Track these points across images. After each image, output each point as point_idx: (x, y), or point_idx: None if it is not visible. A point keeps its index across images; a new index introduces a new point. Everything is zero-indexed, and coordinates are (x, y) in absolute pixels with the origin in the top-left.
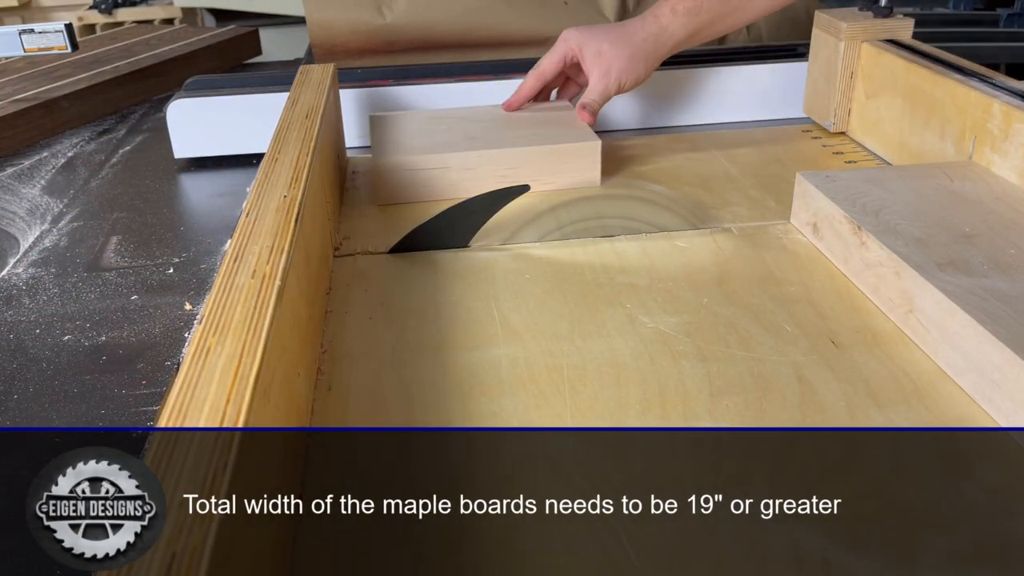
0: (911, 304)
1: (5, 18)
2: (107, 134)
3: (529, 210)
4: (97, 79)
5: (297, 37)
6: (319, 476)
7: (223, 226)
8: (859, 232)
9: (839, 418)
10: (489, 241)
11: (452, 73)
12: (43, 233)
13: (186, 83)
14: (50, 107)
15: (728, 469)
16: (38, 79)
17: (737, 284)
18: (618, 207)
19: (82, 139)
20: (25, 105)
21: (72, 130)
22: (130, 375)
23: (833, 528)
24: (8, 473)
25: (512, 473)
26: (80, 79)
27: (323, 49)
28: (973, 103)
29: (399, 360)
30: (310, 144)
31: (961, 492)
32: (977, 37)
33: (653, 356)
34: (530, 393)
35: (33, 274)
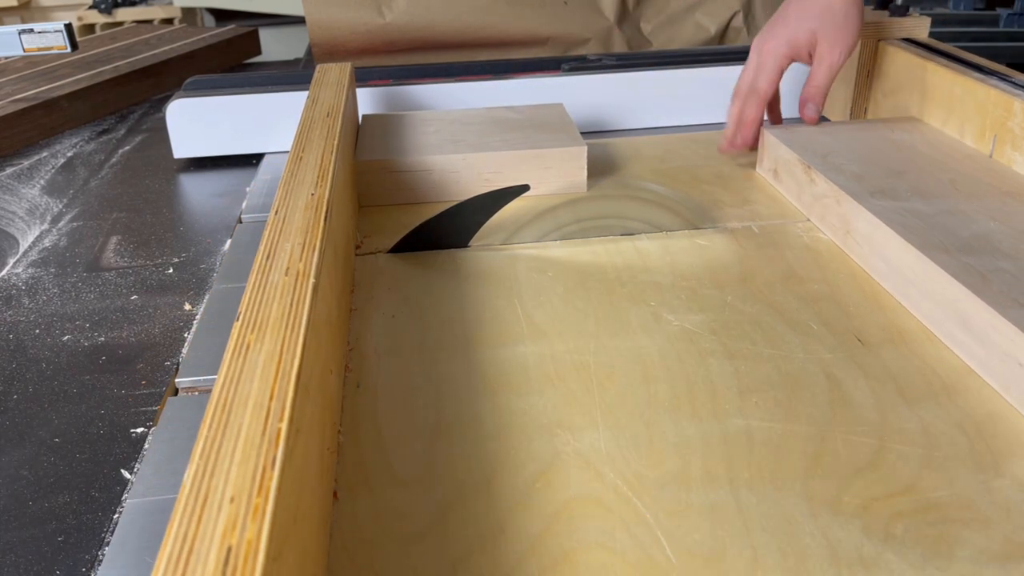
0: (848, 226)
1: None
2: (107, 134)
3: (529, 210)
4: (97, 79)
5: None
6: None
7: (223, 226)
8: (809, 171)
9: (869, 415)
10: (489, 241)
11: (452, 73)
12: (43, 233)
13: (186, 83)
14: (50, 107)
15: (761, 465)
16: (38, 79)
17: (760, 282)
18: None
19: (82, 139)
20: (25, 105)
21: (72, 130)
22: (130, 375)
23: (868, 524)
24: (9, 473)
25: (545, 470)
26: (80, 79)
27: (323, 49)
28: (994, 102)
29: (426, 357)
30: (333, 142)
31: (994, 489)
32: (977, 37)
33: (680, 354)
34: (559, 391)
35: (33, 274)
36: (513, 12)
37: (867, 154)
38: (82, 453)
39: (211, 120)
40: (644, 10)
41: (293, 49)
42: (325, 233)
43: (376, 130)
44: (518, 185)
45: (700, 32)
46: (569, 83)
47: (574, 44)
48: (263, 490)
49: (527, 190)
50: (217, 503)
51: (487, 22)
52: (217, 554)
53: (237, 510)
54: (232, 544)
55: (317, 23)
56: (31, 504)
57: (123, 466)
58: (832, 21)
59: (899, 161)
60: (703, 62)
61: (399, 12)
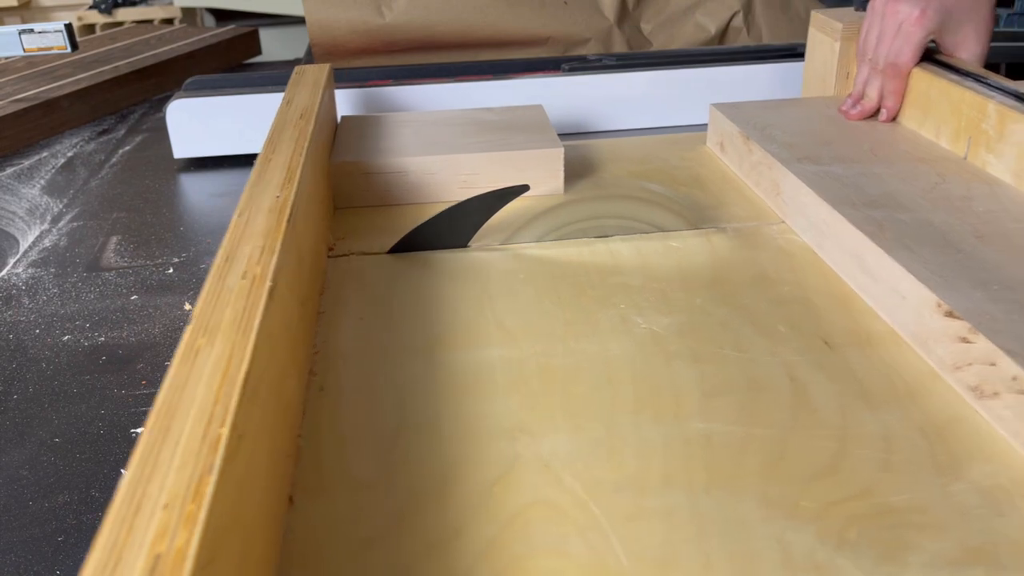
0: (778, 188)
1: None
2: (107, 134)
3: (529, 210)
4: (97, 79)
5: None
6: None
7: (222, 226)
8: (747, 142)
9: (831, 419)
10: (489, 241)
11: (452, 73)
12: (43, 233)
13: (186, 83)
14: (50, 107)
15: (720, 469)
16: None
17: (731, 284)
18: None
19: (82, 139)
20: (25, 105)
21: (72, 130)
22: (130, 375)
23: (823, 529)
24: (9, 473)
25: (503, 474)
26: (80, 79)
27: (323, 49)
28: (968, 103)
29: (391, 361)
30: (303, 144)
31: (951, 493)
32: None
33: (646, 357)
34: (522, 394)
35: (33, 274)
36: (513, 12)
37: (802, 126)
38: (82, 453)
39: (211, 120)
40: (644, 10)
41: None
42: (287, 236)
43: (353, 132)
44: (518, 185)
45: (700, 32)
46: (569, 83)
47: (574, 44)
48: (198, 497)
49: (527, 190)
50: (150, 510)
51: (487, 22)
52: (145, 562)
53: (169, 517)
54: (161, 552)
55: (317, 23)
56: (31, 504)
57: (123, 466)
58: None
59: (830, 133)
60: (703, 62)
61: (399, 12)
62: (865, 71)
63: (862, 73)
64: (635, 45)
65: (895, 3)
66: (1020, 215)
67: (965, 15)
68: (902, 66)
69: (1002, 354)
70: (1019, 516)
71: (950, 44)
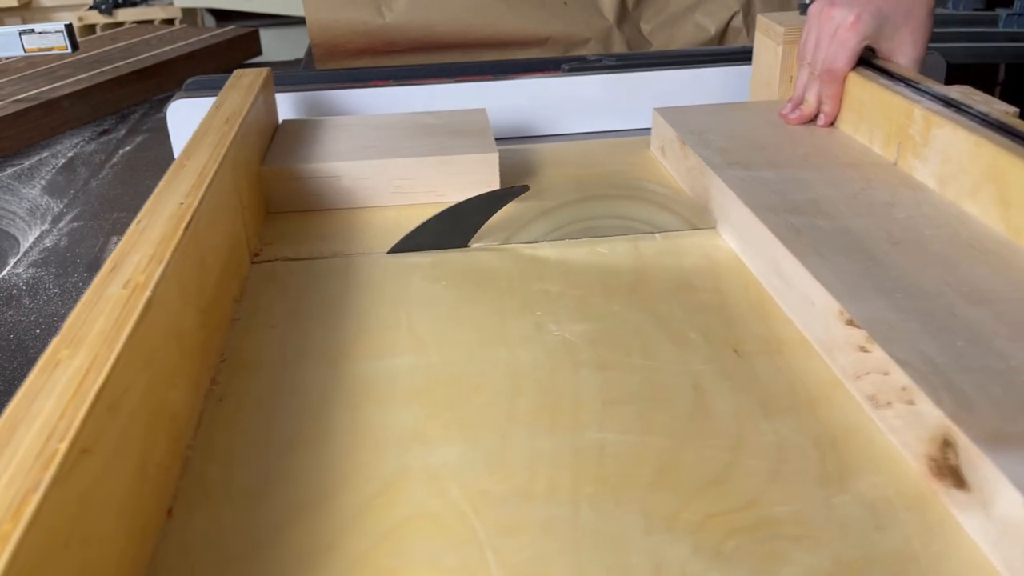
0: (708, 193)
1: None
2: (107, 134)
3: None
4: (97, 79)
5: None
6: (194, 487)
7: None
8: (683, 147)
9: (727, 428)
10: (488, 241)
11: (452, 73)
12: (43, 233)
13: (186, 83)
14: (50, 107)
15: (607, 480)
16: (38, 79)
17: (651, 291)
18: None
19: (82, 139)
20: (25, 105)
21: (72, 130)
22: None
23: (700, 541)
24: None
25: (389, 486)
26: (80, 79)
27: (323, 49)
28: (897, 109)
29: (298, 369)
30: (221, 150)
31: (834, 505)
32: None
33: (553, 365)
34: (423, 404)
35: (33, 274)
36: (513, 12)
37: (739, 131)
38: None
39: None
40: (644, 10)
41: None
42: (184, 244)
43: (290, 136)
44: (518, 185)
45: (700, 32)
46: (569, 83)
47: (574, 44)
48: (17, 516)
49: (527, 190)
50: None
51: (487, 22)
52: None
53: None
54: None
55: (317, 23)
56: None
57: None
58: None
59: (766, 137)
60: (703, 62)
61: (399, 12)
62: (804, 76)
63: (802, 78)
64: (635, 45)
65: (830, 8)
66: (939, 222)
67: (901, 19)
68: (837, 71)
69: (893, 364)
70: (899, 530)
71: (886, 49)
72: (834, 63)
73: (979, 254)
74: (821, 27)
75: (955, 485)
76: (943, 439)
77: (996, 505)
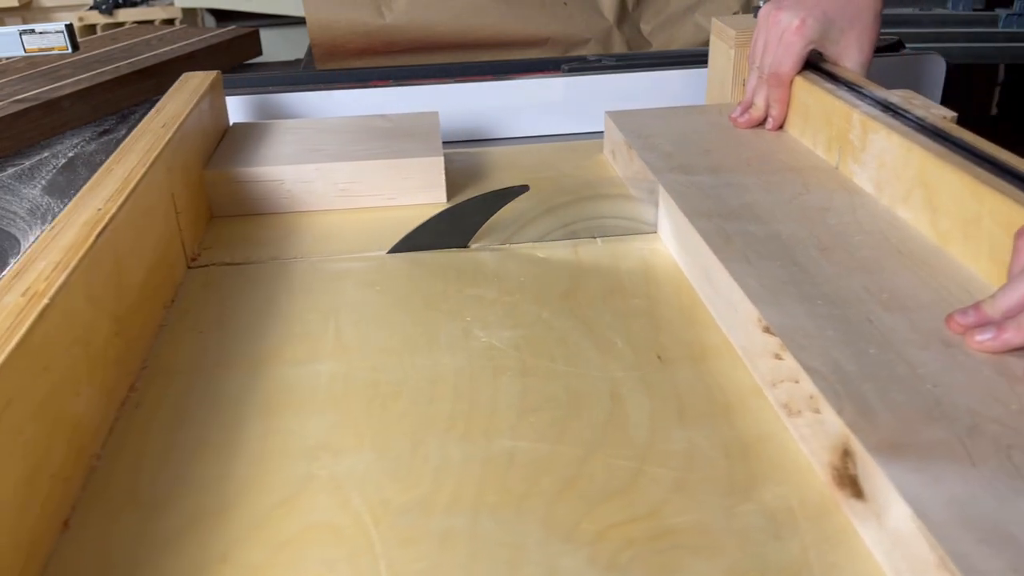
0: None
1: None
2: (108, 134)
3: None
4: (98, 79)
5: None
6: (97, 497)
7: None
8: (630, 151)
9: (639, 436)
10: (488, 241)
11: (452, 73)
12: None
13: None
14: (51, 107)
15: (512, 489)
16: (39, 79)
17: (584, 297)
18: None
19: (83, 139)
20: (26, 105)
21: (73, 130)
22: None
23: (597, 552)
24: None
25: (292, 495)
26: (81, 79)
27: (323, 50)
28: (838, 113)
29: (218, 376)
30: (153, 154)
31: (737, 515)
32: (976, 37)
33: (475, 372)
34: (339, 411)
35: None
36: (513, 12)
37: (686, 135)
38: None
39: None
40: (644, 10)
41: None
42: (97, 250)
43: (237, 140)
44: (518, 185)
45: (700, 33)
46: (569, 83)
47: (574, 44)
48: None
49: (527, 190)
50: None
51: (487, 22)
52: None
53: None
54: None
55: (317, 24)
56: None
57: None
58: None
59: (712, 141)
60: (702, 63)
61: (399, 12)
62: (753, 79)
63: (751, 81)
64: (635, 46)
65: (777, 12)
66: (871, 227)
67: (847, 24)
68: (783, 75)
69: (803, 372)
70: (797, 540)
71: (833, 53)
72: (780, 67)
73: (905, 260)
74: (768, 31)
75: (854, 495)
76: (844, 448)
77: (888, 515)
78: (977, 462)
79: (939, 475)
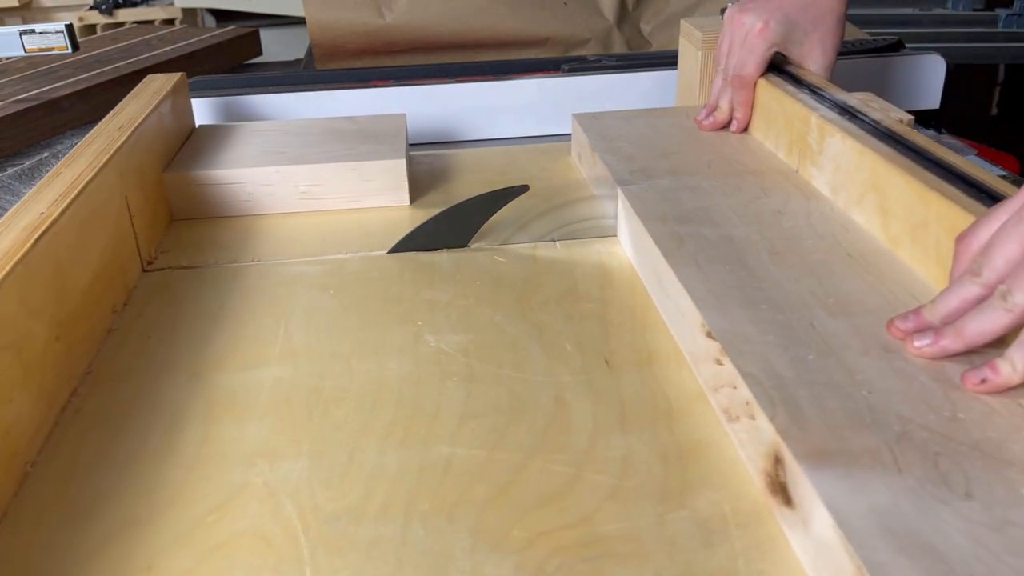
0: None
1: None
2: None
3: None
4: (98, 79)
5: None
6: (28, 505)
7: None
8: (593, 154)
9: (579, 443)
10: (488, 241)
11: (452, 73)
12: None
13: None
14: (51, 107)
15: (446, 496)
16: (39, 79)
17: (537, 300)
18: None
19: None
20: (26, 105)
21: (73, 130)
22: None
23: (524, 561)
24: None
25: (225, 502)
26: (81, 79)
27: (323, 49)
28: (798, 116)
29: (162, 381)
30: (105, 157)
31: (668, 522)
32: (976, 37)
33: (421, 377)
34: (280, 417)
35: None
36: (513, 12)
37: (649, 137)
38: None
39: (211, 121)
40: (644, 10)
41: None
42: (34, 256)
43: (201, 142)
44: (518, 185)
45: None
46: (569, 83)
47: (574, 44)
48: None
49: (527, 190)
50: None
51: (487, 23)
52: None
53: None
54: None
55: (317, 24)
56: None
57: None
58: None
59: (675, 144)
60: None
61: (399, 12)
62: (719, 82)
63: (716, 84)
64: (635, 46)
65: (741, 14)
66: (823, 231)
67: (810, 26)
68: (747, 77)
69: (739, 377)
70: (727, 547)
71: (796, 55)
72: (743, 69)
73: (855, 264)
74: (733, 33)
75: (784, 502)
76: (775, 455)
77: (813, 523)
78: (903, 469)
79: (864, 483)
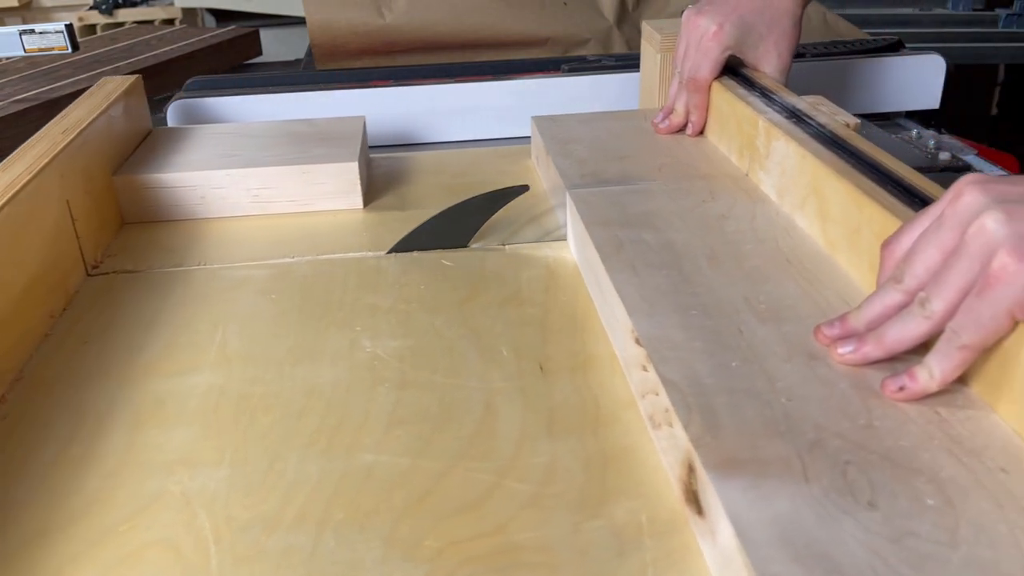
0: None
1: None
2: None
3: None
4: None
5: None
6: None
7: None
8: (547, 157)
9: (504, 450)
10: (488, 241)
11: (452, 73)
12: None
13: (186, 84)
14: (50, 107)
15: (361, 505)
16: (39, 79)
17: (478, 305)
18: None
19: None
20: (25, 105)
21: None
22: None
23: (434, 571)
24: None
25: (139, 511)
26: (80, 79)
27: (323, 50)
28: (747, 119)
29: (92, 387)
30: (44, 161)
31: (583, 531)
32: (976, 37)
33: (352, 384)
34: (206, 424)
35: None
36: (513, 13)
37: (604, 140)
38: None
39: (212, 121)
40: (644, 10)
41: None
42: None
43: (155, 145)
44: (518, 185)
45: None
46: (569, 83)
47: (574, 44)
48: None
49: (527, 190)
50: None
51: (487, 23)
52: None
53: None
54: None
55: (317, 24)
56: None
57: None
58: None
59: (630, 147)
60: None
61: (399, 12)
62: (675, 85)
63: (673, 86)
64: (635, 46)
65: (696, 17)
66: (765, 235)
67: (765, 29)
68: (701, 80)
69: (660, 384)
70: (639, 557)
71: (752, 58)
72: (698, 72)
73: (792, 269)
74: (688, 36)
75: (696, 511)
76: (688, 463)
77: (719, 532)
78: (811, 478)
79: (769, 492)
